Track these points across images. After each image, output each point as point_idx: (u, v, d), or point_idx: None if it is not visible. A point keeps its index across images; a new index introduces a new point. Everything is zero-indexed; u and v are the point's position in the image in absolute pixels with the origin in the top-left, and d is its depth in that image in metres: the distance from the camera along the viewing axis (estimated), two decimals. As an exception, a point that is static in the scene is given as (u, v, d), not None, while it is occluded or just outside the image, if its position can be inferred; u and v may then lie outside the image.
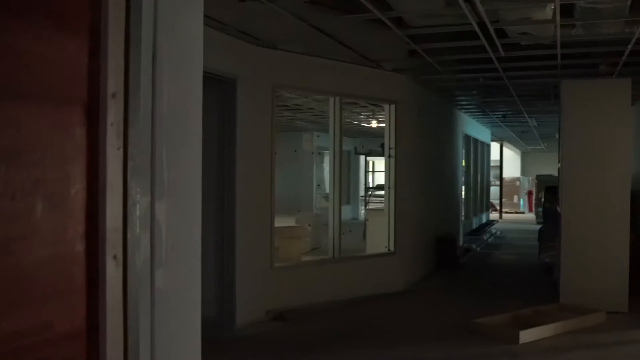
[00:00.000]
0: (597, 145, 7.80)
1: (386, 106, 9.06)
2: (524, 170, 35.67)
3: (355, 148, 17.11)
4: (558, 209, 8.25)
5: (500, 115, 15.69)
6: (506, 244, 15.88)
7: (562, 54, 7.60)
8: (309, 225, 11.62)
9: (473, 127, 16.58)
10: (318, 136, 16.38)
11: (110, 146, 1.91)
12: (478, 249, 14.26)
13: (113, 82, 1.93)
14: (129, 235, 1.96)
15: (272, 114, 7.30)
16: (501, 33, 6.67)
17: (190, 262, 2.25)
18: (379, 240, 9.36)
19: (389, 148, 8.94)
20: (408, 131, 9.35)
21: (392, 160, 8.94)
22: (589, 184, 7.81)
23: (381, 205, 14.91)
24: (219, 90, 6.64)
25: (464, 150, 15.08)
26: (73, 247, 1.84)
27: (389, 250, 9.00)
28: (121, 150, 1.95)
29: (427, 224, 10.72)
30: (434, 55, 7.88)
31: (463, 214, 14.85)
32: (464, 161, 15.40)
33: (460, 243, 13.97)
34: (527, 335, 6.36)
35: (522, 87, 10.64)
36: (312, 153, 16.17)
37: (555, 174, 27.94)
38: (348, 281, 8.23)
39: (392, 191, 8.94)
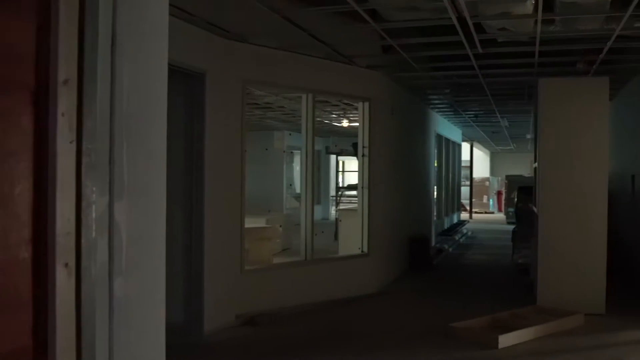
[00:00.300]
0: (574, 144, 7.70)
1: (360, 104, 8.87)
2: (493, 170, 35.84)
3: (327, 147, 16.90)
4: (534, 209, 8.13)
5: (472, 115, 15.62)
6: (477, 244, 15.83)
7: (539, 51, 7.48)
8: (280, 226, 11.36)
9: (445, 126, 16.49)
10: (290, 134, 16.16)
11: (62, 139, 1.69)
12: (450, 249, 14.16)
13: (65, 67, 1.71)
14: (83, 240, 1.75)
15: (243, 111, 7.05)
16: (478, 29, 6.52)
17: (153, 268, 2.06)
18: (352, 241, 9.17)
19: (363, 147, 8.74)
20: (382, 130, 9.17)
21: (366, 159, 8.74)
22: (566, 184, 7.70)
23: (352, 206, 14.80)
24: (186, 85, 6.37)
25: (436, 150, 14.97)
26: (17, 254, 1.63)
27: (362, 251, 8.80)
28: (74, 144, 1.73)
29: (400, 225, 10.56)
30: (409, 51, 7.71)
31: (435, 214, 14.73)
32: (436, 161, 15.29)
33: (433, 243, 13.87)
34: (506, 340, 6.19)
35: (497, 85, 10.53)
36: (284, 152, 15.93)
37: (525, 174, 28.14)
38: (321, 284, 8.01)
39: (366, 191, 8.74)
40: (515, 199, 12.59)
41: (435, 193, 14.82)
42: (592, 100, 7.68)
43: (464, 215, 23.27)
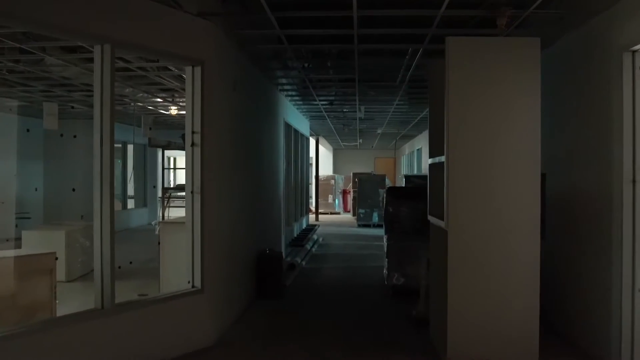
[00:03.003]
0: (495, 131, 5.41)
1: (188, 69, 6.03)
2: (335, 168, 34.19)
3: (149, 139, 13.82)
4: (439, 222, 5.76)
5: (327, 102, 13.25)
6: (333, 254, 13.44)
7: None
8: (56, 258, 7.82)
9: (294, 115, 13.99)
10: (73, 108, 12.88)
11: None
12: (303, 263, 11.67)
13: None
14: None
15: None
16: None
17: None
18: (179, 268, 6.29)
19: (192, 132, 5.94)
20: (220, 109, 6.43)
21: (197, 150, 5.94)
22: (486, 187, 5.40)
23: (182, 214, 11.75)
24: None
25: (284, 143, 12.35)
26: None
27: (193, 286, 5.98)
28: None
29: (245, 240, 7.87)
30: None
31: (284, 220, 12.15)
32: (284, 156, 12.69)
33: (283, 256, 11.34)
34: None
35: (372, 59, 8.15)
36: (62, 135, 12.55)
37: (372, 172, 26.42)
38: (130, 342, 5.13)
39: (198, 197, 5.94)
40: (384, 203, 10.31)
41: (283, 195, 12.19)
42: (519, 70, 5.42)
43: (311, 218, 21.02)
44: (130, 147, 19.42)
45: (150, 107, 14.20)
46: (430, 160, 6.38)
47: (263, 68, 9.08)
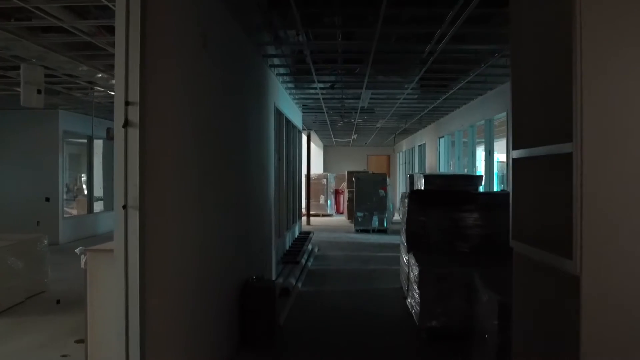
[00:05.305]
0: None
1: (118, 3, 3.59)
2: (326, 166, 31.84)
3: (108, 130, 11.41)
4: (517, 246, 3.37)
5: (326, 85, 10.85)
6: (334, 270, 11.01)
7: None
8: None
9: (286, 101, 11.53)
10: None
11: None
12: (299, 285, 9.25)
13: None
14: None
15: None
16: None
17: None
18: (116, 322, 3.86)
19: (125, 104, 3.49)
20: (178, 70, 4.01)
21: (134, 133, 3.50)
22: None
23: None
24: None
25: (275, 134, 9.84)
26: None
27: (126, 364, 3.57)
28: None
29: (221, 270, 5.45)
30: None
31: (275, 231, 9.68)
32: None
33: (274, 276, 8.94)
34: None
35: (402, 7, 5.77)
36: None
37: (370, 171, 24.11)
38: None
39: (135, 214, 3.50)
40: (406, 210, 7.90)
41: (275, 199, 9.67)
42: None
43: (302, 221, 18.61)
44: (99, 143, 17.12)
45: (112, 93, 11.84)
46: (515, 154, 3.96)
47: (248, 29, 6.65)
